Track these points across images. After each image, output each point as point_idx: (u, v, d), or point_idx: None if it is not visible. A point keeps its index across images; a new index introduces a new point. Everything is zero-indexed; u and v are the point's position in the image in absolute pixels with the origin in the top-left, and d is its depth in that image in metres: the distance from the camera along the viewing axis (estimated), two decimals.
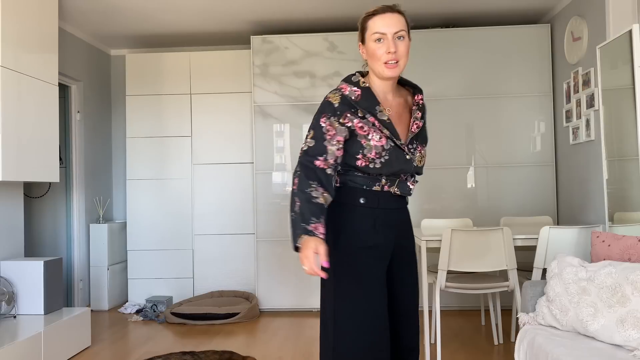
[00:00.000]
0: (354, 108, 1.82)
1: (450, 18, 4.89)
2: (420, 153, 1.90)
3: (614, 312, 2.20)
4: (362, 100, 1.82)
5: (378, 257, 1.85)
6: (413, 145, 1.88)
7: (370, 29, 1.83)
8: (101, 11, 4.53)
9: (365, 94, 1.83)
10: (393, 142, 1.82)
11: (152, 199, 5.22)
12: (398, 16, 1.84)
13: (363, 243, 1.84)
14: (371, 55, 1.84)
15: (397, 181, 1.87)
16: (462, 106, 4.83)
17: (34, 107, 3.61)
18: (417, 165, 1.90)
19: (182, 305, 4.71)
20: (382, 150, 1.81)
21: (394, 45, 1.81)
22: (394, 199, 1.89)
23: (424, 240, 3.35)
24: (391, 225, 1.88)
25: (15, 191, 3.90)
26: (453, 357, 3.50)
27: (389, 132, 1.82)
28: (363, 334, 1.79)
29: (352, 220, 1.85)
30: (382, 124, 1.81)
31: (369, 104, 1.82)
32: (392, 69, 1.82)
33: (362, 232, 1.84)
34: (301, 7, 4.53)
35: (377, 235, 1.85)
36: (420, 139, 1.91)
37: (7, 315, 3.53)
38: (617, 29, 3.58)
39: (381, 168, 1.82)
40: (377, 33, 1.81)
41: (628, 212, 3.10)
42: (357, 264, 1.83)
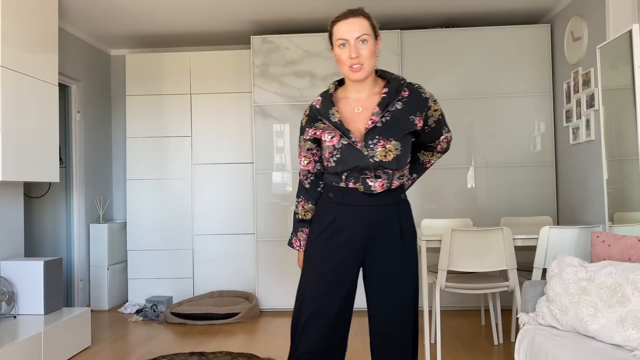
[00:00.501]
0: (317, 117, 1.99)
1: (450, 18, 4.89)
2: (384, 148, 1.88)
3: (614, 312, 2.20)
4: (322, 107, 1.99)
5: (336, 249, 1.96)
6: (373, 140, 1.89)
7: (335, 34, 1.94)
8: (101, 11, 4.53)
9: (324, 101, 1.99)
10: (346, 140, 1.91)
11: (152, 199, 5.22)
12: (361, 20, 1.90)
13: (320, 234, 1.99)
14: (338, 60, 1.95)
15: (361, 178, 1.93)
16: (462, 106, 4.83)
17: (34, 107, 3.61)
18: (382, 160, 1.89)
19: (182, 305, 4.71)
20: (333, 149, 1.93)
21: (356, 50, 1.88)
22: (363, 196, 1.94)
23: (424, 240, 3.35)
24: (359, 220, 1.94)
25: (15, 191, 3.90)
26: (453, 357, 3.50)
27: (340, 131, 1.92)
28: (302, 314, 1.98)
29: (318, 213, 2.04)
30: (334, 125, 1.93)
31: (325, 108, 1.97)
32: (356, 72, 1.91)
33: (322, 225, 1.99)
34: (301, 7, 4.53)
35: (337, 229, 1.96)
36: (388, 134, 1.90)
37: (7, 315, 3.53)
38: (617, 29, 3.58)
39: (336, 166, 1.93)
40: (340, 39, 1.91)
41: (628, 212, 3.10)
42: (312, 252, 2.01)
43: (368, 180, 1.92)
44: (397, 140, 1.90)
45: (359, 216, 1.94)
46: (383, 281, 1.96)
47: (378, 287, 1.97)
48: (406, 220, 2.01)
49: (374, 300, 1.99)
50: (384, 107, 1.91)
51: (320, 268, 1.97)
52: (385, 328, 1.97)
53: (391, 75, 2.01)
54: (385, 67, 5.18)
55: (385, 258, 1.96)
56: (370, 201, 1.94)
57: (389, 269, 1.96)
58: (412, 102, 1.95)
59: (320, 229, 1.99)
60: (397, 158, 1.90)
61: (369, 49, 1.90)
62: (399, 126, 1.91)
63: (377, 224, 1.95)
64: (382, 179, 1.92)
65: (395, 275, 1.96)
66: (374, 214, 1.95)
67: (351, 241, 1.95)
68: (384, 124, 1.91)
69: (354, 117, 1.95)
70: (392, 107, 1.93)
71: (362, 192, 1.93)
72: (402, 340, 1.97)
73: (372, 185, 1.92)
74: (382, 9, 4.59)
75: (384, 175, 1.92)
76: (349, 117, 1.95)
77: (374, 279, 1.97)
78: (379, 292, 1.97)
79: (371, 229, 1.95)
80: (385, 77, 2.01)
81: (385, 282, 1.96)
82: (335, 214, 1.96)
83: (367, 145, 1.89)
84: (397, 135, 1.90)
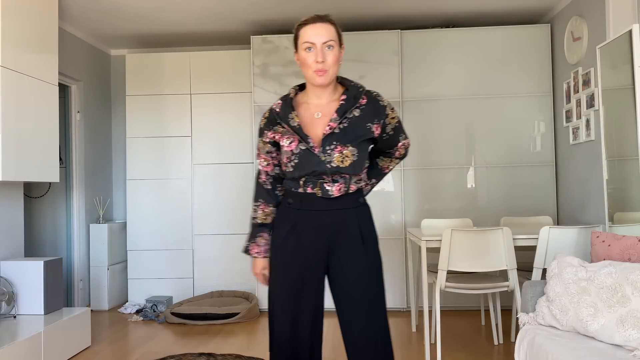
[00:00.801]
0: (276, 120, 2.00)
1: (450, 18, 4.89)
2: (341, 153, 1.91)
3: (614, 312, 2.20)
4: (281, 110, 2.00)
5: (297, 254, 1.96)
6: (330, 146, 1.91)
7: (301, 37, 1.95)
8: (101, 11, 4.53)
9: (284, 105, 2.00)
10: (305, 145, 1.92)
11: (152, 199, 5.22)
12: (328, 26, 1.93)
13: (282, 242, 1.99)
14: (303, 64, 1.95)
15: (318, 182, 1.94)
16: (462, 106, 4.83)
17: (34, 107, 3.61)
18: (339, 165, 1.91)
19: (182, 305, 4.71)
20: (291, 154, 1.94)
21: (322, 55, 1.90)
22: (322, 201, 1.95)
23: (424, 240, 3.35)
24: (318, 225, 1.96)
25: (15, 191, 3.90)
26: (453, 357, 3.50)
27: (299, 136, 1.93)
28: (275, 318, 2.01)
29: (279, 219, 2.04)
30: (293, 129, 1.94)
31: (285, 112, 1.98)
32: (321, 77, 1.92)
33: (283, 231, 2.00)
34: (301, 7, 4.53)
35: (296, 236, 1.97)
36: (344, 140, 1.92)
37: (7, 315, 3.53)
38: (617, 29, 3.58)
39: (294, 171, 1.95)
40: (307, 42, 1.92)
41: (628, 212, 3.10)
42: (275, 260, 2.01)
43: (325, 184, 1.94)
44: (353, 146, 1.92)
45: (318, 221, 1.96)
46: (349, 285, 1.96)
47: (345, 292, 1.97)
48: (366, 222, 2.01)
49: (342, 305, 1.98)
50: (342, 114, 1.94)
51: (286, 276, 1.98)
52: (358, 332, 1.96)
53: (350, 83, 2.02)
54: (385, 67, 5.19)
55: (349, 262, 1.96)
56: (329, 205, 1.96)
57: (354, 272, 1.96)
58: (370, 109, 1.98)
59: (282, 236, 2.00)
60: (354, 164, 1.93)
61: (334, 55, 1.92)
62: (356, 133, 1.94)
63: (337, 227, 1.97)
64: (339, 183, 1.95)
65: (361, 279, 1.96)
66: (333, 218, 1.96)
67: (313, 247, 1.96)
68: (342, 130, 1.93)
69: (314, 123, 1.97)
70: (350, 114, 1.95)
71: (320, 196, 1.95)
72: (377, 341, 1.97)
73: (330, 189, 1.94)
74: (382, 9, 4.59)
75: (341, 179, 1.94)
76: (308, 122, 1.97)
77: (340, 284, 1.98)
78: (346, 297, 1.97)
79: (331, 233, 1.96)
80: (345, 84, 2.03)
81: (351, 286, 1.96)
82: (295, 220, 1.97)
83: (325, 150, 1.91)
84: (354, 141, 1.93)
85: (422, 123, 4.84)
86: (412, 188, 4.84)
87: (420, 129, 4.84)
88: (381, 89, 4.85)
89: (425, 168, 4.83)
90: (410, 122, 4.84)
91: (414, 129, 4.84)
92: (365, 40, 4.88)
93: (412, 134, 4.83)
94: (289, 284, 1.98)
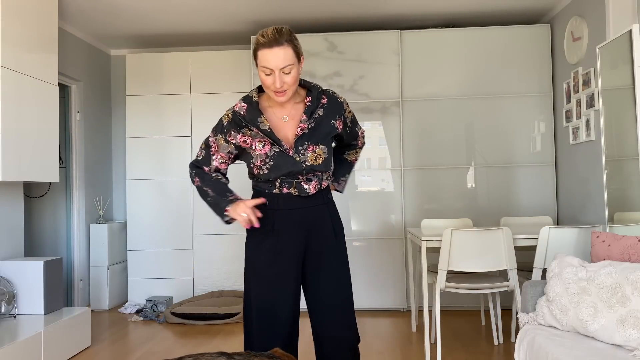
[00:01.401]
0: (242, 123, 2.01)
1: (450, 18, 4.89)
2: (314, 152, 2.00)
3: (614, 312, 2.20)
4: (247, 114, 2.00)
5: (277, 254, 2.02)
6: (303, 146, 2.00)
7: (259, 60, 1.95)
8: (101, 11, 4.53)
9: (250, 108, 2.01)
10: (278, 148, 1.99)
11: (152, 199, 5.22)
12: (285, 49, 1.91)
13: (261, 243, 2.04)
14: (262, 83, 1.97)
15: (294, 182, 2.02)
16: (462, 106, 4.83)
17: (34, 107, 3.61)
18: (313, 164, 2.00)
19: (182, 305, 4.71)
20: (265, 157, 1.99)
21: (280, 80, 1.92)
22: (298, 200, 2.04)
23: (424, 240, 3.35)
24: (297, 223, 2.04)
25: (15, 191, 3.90)
26: (453, 357, 3.50)
27: (271, 139, 1.99)
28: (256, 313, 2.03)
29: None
30: (264, 133, 1.99)
31: (252, 116, 2.00)
32: (280, 97, 1.96)
33: (261, 234, 2.04)
34: (301, 7, 4.53)
35: (275, 236, 2.03)
36: (315, 139, 2.01)
37: (7, 315, 3.53)
38: (617, 29, 3.58)
39: (269, 173, 2.00)
40: (264, 67, 1.93)
41: (628, 212, 3.10)
42: (256, 261, 2.04)
43: (302, 183, 2.02)
44: (323, 144, 2.03)
45: (297, 218, 2.04)
46: (324, 277, 2.06)
47: (320, 283, 2.06)
48: (336, 217, 2.14)
49: (316, 295, 2.06)
50: (310, 115, 2.03)
51: (265, 277, 2.03)
52: (330, 319, 2.05)
53: (310, 84, 2.09)
54: (386, 67, 5.18)
55: (324, 254, 2.07)
56: (305, 203, 2.05)
57: (328, 264, 2.07)
58: (331, 107, 2.08)
59: (260, 237, 2.05)
60: (326, 161, 2.03)
61: (293, 76, 1.94)
62: (324, 131, 2.04)
63: (313, 224, 2.06)
64: (314, 181, 2.04)
65: (335, 270, 2.07)
66: (309, 215, 2.06)
67: (292, 244, 2.04)
68: (310, 130, 2.02)
69: (282, 126, 2.04)
70: (316, 114, 2.04)
71: (296, 195, 2.03)
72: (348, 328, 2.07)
73: (307, 187, 2.03)
74: (382, 9, 4.59)
75: (314, 177, 2.04)
76: (276, 126, 2.03)
77: (315, 275, 2.06)
78: (321, 287, 2.05)
79: (309, 229, 2.06)
80: (305, 85, 2.09)
81: (326, 277, 2.06)
82: (273, 220, 2.03)
83: (298, 151, 2.00)
84: (323, 139, 2.03)
85: (422, 123, 4.84)
86: (412, 188, 4.84)
87: (420, 129, 4.84)
88: (381, 89, 4.85)
89: (425, 168, 4.83)
90: (410, 122, 4.84)
91: (414, 129, 4.84)
92: (365, 40, 4.88)
93: (412, 134, 4.83)
94: (269, 284, 2.02)
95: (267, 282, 2.02)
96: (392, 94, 4.85)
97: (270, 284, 2.02)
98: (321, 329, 2.06)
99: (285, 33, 1.92)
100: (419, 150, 4.83)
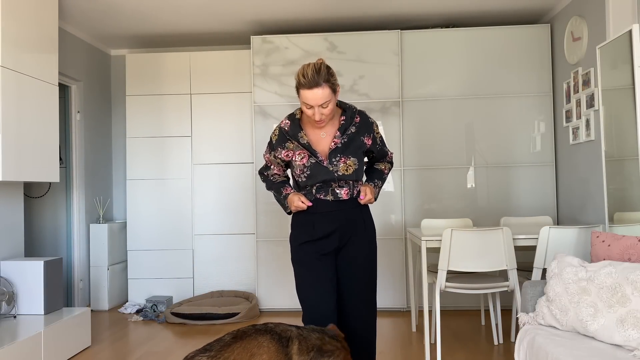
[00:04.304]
0: (287, 137, 2.41)
1: (450, 18, 4.89)
2: (345, 163, 2.36)
3: (614, 312, 2.20)
4: (290, 130, 2.42)
5: (317, 249, 2.40)
6: (336, 158, 2.36)
7: (301, 97, 2.30)
8: (101, 11, 4.53)
9: (292, 125, 2.42)
10: (314, 159, 2.36)
11: (152, 199, 5.22)
12: (323, 89, 2.25)
13: (302, 239, 2.42)
14: (304, 112, 2.34)
15: (329, 189, 2.38)
16: (462, 106, 4.83)
17: (34, 107, 3.61)
18: (344, 173, 2.36)
19: (182, 305, 4.71)
20: (303, 167, 2.38)
21: (319, 114, 2.29)
22: (332, 204, 2.40)
23: (424, 240, 3.35)
24: (332, 223, 2.40)
25: (15, 191, 3.90)
26: (453, 357, 3.50)
27: (309, 152, 2.36)
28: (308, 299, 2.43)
29: (296, 222, 2.47)
30: (303, 146, 2.38)
31: (294, 132, 2.41)
32: (321, 124, 2.36)
33: (303, 232, 2.43)
34: (301, 7, 4.53)
35: (315, 234, 2.40)
36: (347, 152, 2.37)
37: (7, 315, 3.53)
38: (617, 29, 3.58)
39: (307, 180, 2.39)
40: (305, 103, 2.29)
41: (628, 212, 3.10)
42: (299, 254, 2.44)
43: (336, 189, 2.38)
44: (354, 157, 2.38)
45: (333, 220, 2.40)
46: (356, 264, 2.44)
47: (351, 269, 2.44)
48: (368, 217, 2.49)
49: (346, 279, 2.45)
50: (343, 132, 2.39)
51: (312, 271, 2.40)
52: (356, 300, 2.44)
53: (345, 105, 2.45)
54: (385, 67, 5.18)
55: (356, 247, 2.44)
56: (339, 206, 2.41)
57: (360, 255, 2.44)
58: (363, 126, 2.44)
59: (303, 237, 2.42)
60: (356, 171, 2.39)
61: (330, 108, 2.30)
62: (355, 145, 2.40)
63: (347, 223, 2.41)
64: (345, 188, 2.40)
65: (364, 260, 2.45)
66: (344, 215, 2.41)
67: (328, 241, 2.41)
68: (343, 144, 2.39)
69: (319, 140, 2.41)
70: (349, 131, 2.40)
71: (331, 200, 2.39)
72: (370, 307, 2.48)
73: (339, 193, 2.39)
74: (382, 9, 4.59)
75: (346, 185, 2.40)
76: (315, 140, 2.41)
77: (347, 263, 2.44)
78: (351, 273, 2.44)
79: (343, 228, 2.41)
80: (341, 106, 2.45)
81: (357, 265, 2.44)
82: (314, 222, 2.41)
83: (332, 162, 2.36)
84: (354, 153, 2.39)
85: (422, 123, 4.84)
86: (412, 188, 4.84)
87: (420, 129, 4.84)
88: (381, 89, 4.85)
89: (425, 168, 4.83)
90: (410, 122, 4.84)
91: (414, 129, 4.84)
92: (365, 40, 4.88)
93: (412, 134, 4.83)
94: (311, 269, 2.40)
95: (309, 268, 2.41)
96: (392, 94, 4.85)
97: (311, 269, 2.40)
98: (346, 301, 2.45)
99: (323, 74, 2.24)
100: (419, 150, 4.83)
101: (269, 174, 2.57)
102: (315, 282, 2.40)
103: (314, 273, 2.40)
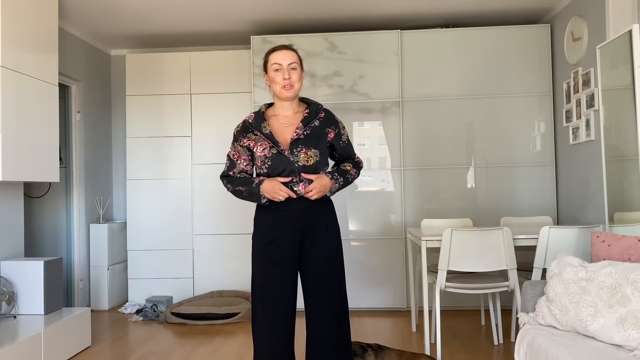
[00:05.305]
0: (249, 129, 2.42)
1: (450, 18, 4.89)
2: (306, 154, 2.36)
3: (614, 312, 2.20)
4: (254, 121, 2.44)
5: (277, 249, 2.36)
6: (297, 148, 2.36)
7: (270, 61, 2.41)
8: (101, 11, 4.53)
9: (256, 117, 2.45)
10: (275, 149, 2.35)
11: (152, 199, 5.22)
12: (291, 52, 2.42)
13: (262, 239, 2.39)
14: (272, 81, 2.40)
15: (289, 186, 2.34)
16: (462, 106, 4.83)
17: (34, 107, 3.61)
18: (304, 164, 2.34)
19: (182, 305, 4.71)
20: (265, 158, 2.36)
21: (288, 73, 2.37)
22: (294, 201, 2.36)
23: (424, 240, 3.35)
24: (293, 221, 2.36)
25: (15, 191, 3.90)
26: (453, 357, 3.50)
27: (271, 141, 2.36)
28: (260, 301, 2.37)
29: (258, 220, 2.44)
30: (266, 136, 2.38)
31: (257, 122, 2.42)
32: (288, 91, 2.38)
33: (262, 230, 2.40)
34: (301, 7, 4.53)
35: (275, 232, 2.37)
36: (308, 144, 2.37)
37: (7, 315, 3.53)
38: (617, 29, 3.58)
39: (268, 172, 2.36)
40: (275, 64, 2.39)
41: (628, 212, 3.10)
42: (258, 255, 2.40)
43: (293, 187, 2.34)
44: (316, 148, 2.38)
45: (293, 217, 2.36)
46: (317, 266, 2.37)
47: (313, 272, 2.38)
48: (330, 217, 2.44)
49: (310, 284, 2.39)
50: (306, 123, 2.41)
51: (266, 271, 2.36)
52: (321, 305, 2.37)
53: (311, 101, 2.52)
54: (386, 67, 5.18)
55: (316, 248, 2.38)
56: (300, 204, 2.37)
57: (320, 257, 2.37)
58: (327, 120, 2.48)
59: (262, 234, 2.40)
60: (317, 163, 2.37)
61: (297, 74, 2.40)
62: (317, 138, 2.41)
63: (309, 222, 2.38)
64: (302, 184, 2.35)
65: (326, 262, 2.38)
66: (306, 214, 2.37)
67: (288, 241, 2.37)
68: (306, 136, 2.39)
69: (282, 130, 2.42)
70: (312, 124, 2.43)
71: (293, 198, 2.35)
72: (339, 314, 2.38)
73: (297, 189, 2.34)
74: (382, 9, 4.59)
75: (307, 181, 2.35)
76: (277, 130, 2.42)
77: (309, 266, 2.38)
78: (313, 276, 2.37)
79: (304, 226, 2.37)
80: (306, 101, 2.52)
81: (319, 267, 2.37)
82: (273, 220, 2.38)
83: (293, 152, 2.35)
84: (316, 145, 2.39)
85: (422, 123, 4.84)
86: (412, 188, 4.84)
87: (420, 129, 4.84)
88: (381, 89, 4.85)
89: (425, 168, 4.83)
90: (410, 122, 4.84)
91: (414, 128, 4.84)
92: (365, 40, 4.88)
93: (412, 134, 4.83)
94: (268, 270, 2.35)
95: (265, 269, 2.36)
96: (392, 94, 4.85)
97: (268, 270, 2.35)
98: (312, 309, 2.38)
99: (291, 45, 2.45)
100: (419, 150, 4.83)
101: (236, 172, 2.48)
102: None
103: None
